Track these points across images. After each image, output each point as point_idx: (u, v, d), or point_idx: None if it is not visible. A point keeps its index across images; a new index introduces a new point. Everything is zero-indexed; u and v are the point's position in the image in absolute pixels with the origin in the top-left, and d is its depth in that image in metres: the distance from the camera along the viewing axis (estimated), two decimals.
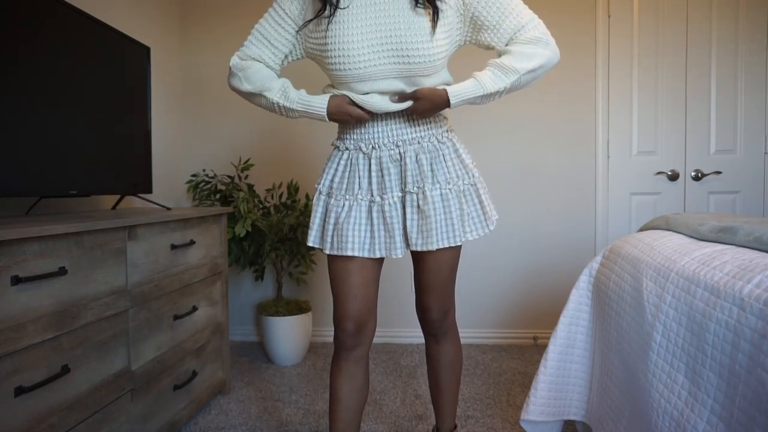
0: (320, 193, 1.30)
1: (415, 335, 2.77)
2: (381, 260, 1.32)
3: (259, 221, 2.31)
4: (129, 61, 1.86)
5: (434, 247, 1.21)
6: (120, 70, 1.81)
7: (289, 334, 2.43)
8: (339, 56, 1.18)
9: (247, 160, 2.63)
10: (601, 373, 1.42)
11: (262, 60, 1.31)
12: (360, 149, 1.26)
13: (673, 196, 2.68)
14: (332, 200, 1.27)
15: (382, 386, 2.18)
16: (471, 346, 2.71)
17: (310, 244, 1.31)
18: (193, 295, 1.84)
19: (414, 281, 1.38)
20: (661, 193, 2.69)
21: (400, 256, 1.22)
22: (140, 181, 1.94)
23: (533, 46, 1.21)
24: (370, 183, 1.25)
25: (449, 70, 1.32)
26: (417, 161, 1.23)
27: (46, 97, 1.48)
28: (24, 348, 1.09)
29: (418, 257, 1.33)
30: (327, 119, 1.25)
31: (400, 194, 1.24)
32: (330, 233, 1.25)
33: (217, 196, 2.54)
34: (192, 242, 1.79)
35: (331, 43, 1.18)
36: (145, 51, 1.96)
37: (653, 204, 2.70)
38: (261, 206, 2.54)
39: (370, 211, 1.24)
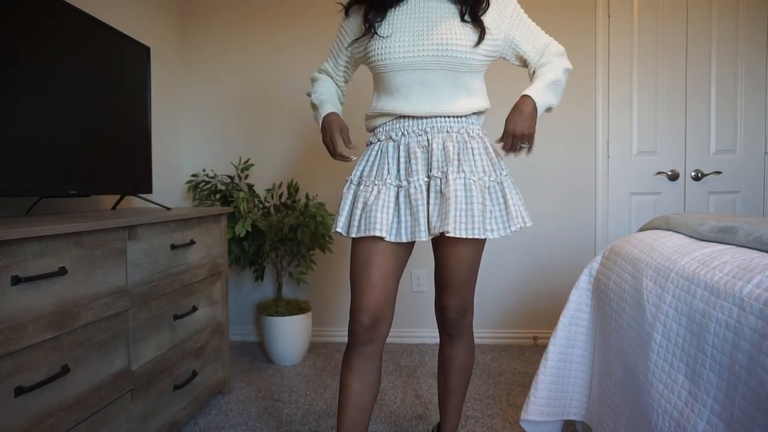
0: (351, 183, 1.34)
1: (415, 335, 2.77)
2: (406, 253, 1.31)
3: (259, 221, 2.31)
4: (129, 61, 1.86)
5: (450, 229, 1.18)
6: (120, 70, 1.81)
7: (289, 334, 2.43)
8: (380, 46, 1.27)
9: (247, 160, 2.63)
10: (601, 373, 1.42)
11: (327, 72, 1.48)
12: (390, 138, 1.31)
13: (673, 196, 2.68)
14: (361, 187, 1.30)
15: (382, 386, 2.18)
16: None
17: (336, 230, 1.30)
18: (193, 295, 1.84)
19: (435, 279, 1.40)
20: (661, 193, 2.69)
21: (425, 239, 1.21)
22: (140, 181, 1.94)
23: (562, 56, 1.48)
24: (398, 169, 1.28)
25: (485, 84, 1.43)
26: (444, 148, 1.26)
27: (46, 97, 1.48)
28: (24, 348, 1.09)
29: (438, 253, 1.35)
30: (319, 125, 1.40)
31: (426, 179, 1.25)
32: (357, 217, 1.26)
33: (217, 196, 2.54)
34: (192, 242, 1.79)
35: (374, 37, 1.29)
36: (145, 51, 1.96)
37: (653, 204, 2.70)
38: (261, 206, 2.54)
39: (397, 196, 1.26)
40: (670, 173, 2.67)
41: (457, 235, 1.19)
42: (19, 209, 1.69)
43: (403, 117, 1.30)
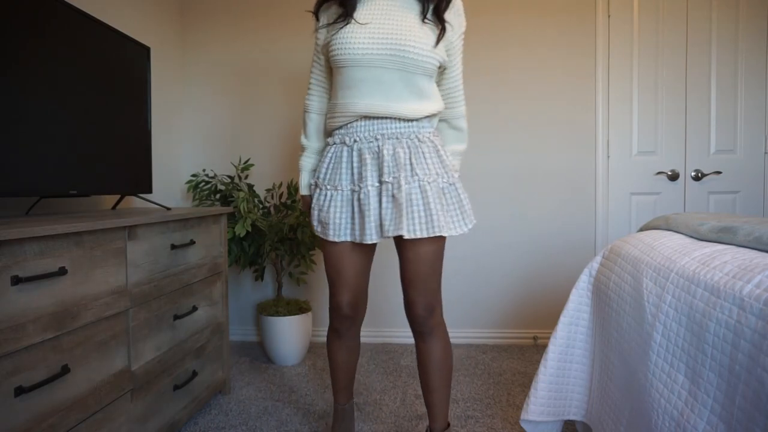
0: (313, 185, 1.46)
1: None
2: (371, 250, 1.45)
3: (259, 221, 2.31)
4: (129, 61, 1.86)
5: (404, 233, 1.26)
6: (120, 70, 1.81)
7: (289, 334, 2.43)
8: (342, 41, 1.31)
9: (247, 160, 2.63)
10: (601, 373, 1.42)
11: (314, 108, 1.51)
12: (344, 143, 1.38)
13: (673, 196, 2.68)
14: (318, 190, 1.42)
15: (382, 386, 2.18)
16: (471, 346, 2.71)
17: (315, 232, 1.45)
18: (193, 295, 1.84)
19: (401, 279, 1.42)
20: (661, 193, 2.69)
21: (375, 241, 1.31)
22: (140, 181, 1.94)
23: (465, 132, 1.52)
24: (351, 174, 1.36)
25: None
26: (394, 154, 1.32)
27: (47, 96, 1.48)
28: (24, 348, 1.09)
29: (401, 251, 1.39)
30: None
31: (377, 184, 1.32)
32: (316, 221, 1.41)
33: (217, 196, 2.54)
34: (192, 242, 1.79)
35: (340, 33, 1.33)
36: (145, 51, 1.96)
37: (653, 204, 2.70)
38: (261, 206, 2.54)
39: (351, 201, 1.35)
40: (670, 173, 2.67)
41: (416, 236, 1.28)
42: (19, 209, 1.69)
43: (357, 120, 1.35)
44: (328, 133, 1.45)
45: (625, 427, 1.20)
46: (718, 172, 2.64)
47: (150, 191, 2.00)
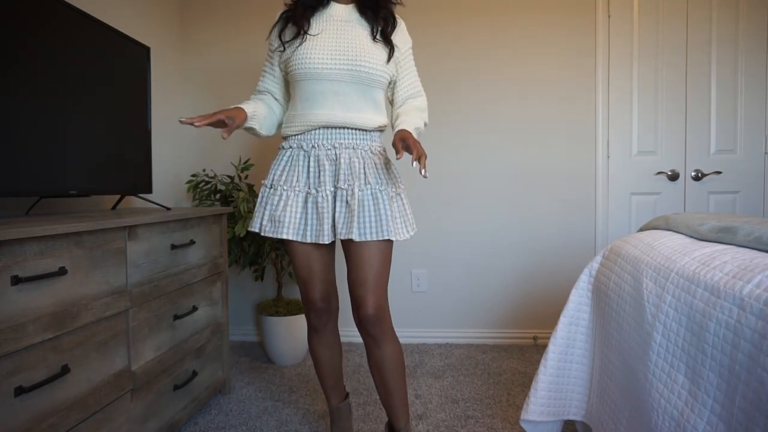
0: (265, 186, 1.49)
1: (415, 335, 2.77)
2: (332, 248, 1.52)
3: None
4: (129, 61, 1.86)
5: (356, 238, 1.35)
6: (120, 70, 1.81)
7: (289, 334, 2.43)
8: (301, 57, 1.40)
9: (247, 160, 2.63)
10: (601, 373, 1.42)
11: (267, 90, 1.57)
12: (301, 147, 1.45)
13: (673, 196, 2.68)
14: (271, 190, 1.46)
15: None
16: (471, 346, 2.71)
17: (250, 228, 1.49)
18: (193, 295, 1.84)
19: (348, 282, 1.46)
20: (661, 193, 2.69)
21: (327, 242, 1.39)
22: (140, 181, 1.94)
23: (425, 111, 1.55)
24: (308, 177, 1.43)
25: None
26: (350, 163, 1.41)
27: (46, 97, 1.48)
28: (24, 348, 1.09)
29: (350, 254, 1.44)
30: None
31: (332, 189, 1.41)
32: (266, 218, 1.45)
33: (217, 196, 2.54)
34: (192, 242, 1.79)
35: (298, 50, 1.42)
36: (145, 51, 1.96)
37: (653, 204, 2.70)
38: None
39: (306, 202, 1.42)
40: (670, 173, 2.67)
41: (366, 239, 1.36)
42: (19, 209, 1.69)
43: (316, 128, 1.43)
44: (283, 137, 1.51)
45: (625, 427, 1.20)
46: (718, 172, 2.64)
47: (150, 191, 2.00)
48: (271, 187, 1.47)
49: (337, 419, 1.63)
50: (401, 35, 1.51)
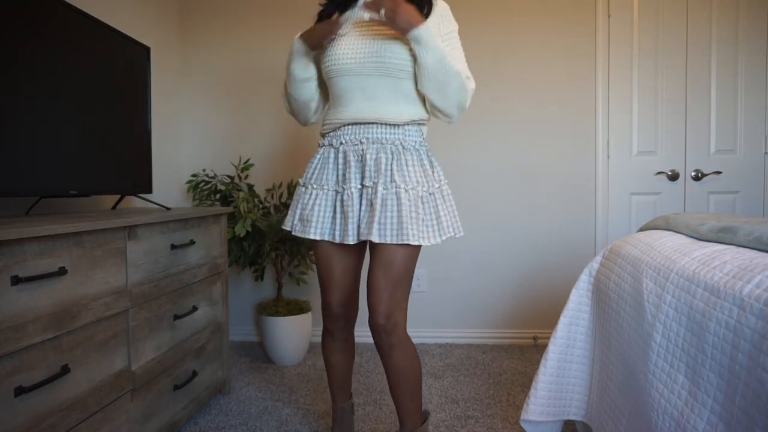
0: (300, 185, 1.48)
1: (416, 335, 2.77)
2: (360, 252, 1.49)
3: (259, 221, 2.31)
4: (129, 61, 1.86)
5: (373, 238, 1.28)
6: (120, 70, 1.81)
7: (289, 334, 2.43)
8: (329, 55, 1.39)
9: (247, 160, 2.63)
10: (601, 373, 1.42)
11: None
12: (332, 145, 1.43)
13: (673, 196, 2.68)
14: (303, 190, 1.45)
15: (382, 386, 2.18)
16: (471, 346, 2.71)
17: (283, 227, 1.49)
18: (193, 295, 1.84)
19: (367, 284, 1.38)
20: (661, 193, 2.69)
21: (352, 242, 1.33)
22: (140, 181, 1.94)
23: (468, 80, 1.38)
24: (337, 175, 1.40)
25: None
26: (376, 159, 1.35)
27: (46, 97, 1.48)
28: (24, 348, 1.09)
29: (372, 254, 1.38)
30: (298, 41, 1.41)
31: (359, 187, 1.36)
32: (297, 218, 1.44)
33: (217, 196, 2.54)
34: (192, 242, 1.79)
35: (329, 49, 1.41)
36: (145, 51, 1.96)
37: (653, 204, 2.70)
38: (261, 206, 2.54)
39: (335, 200, 1.40)
40: (670, 173, 2.67)
41: (384, 241, 1.29)
42: (19, 209, 1.69)
43: (345, 125, 1.40)
44: (321, 135, 1.50)
45: (625, 427, 1.20)
46: (718, 172, 2.64)
47: (150, 191, 2.00)
48: (304, 186, 1.46)
49: (339, 419, 1.62)
50: (437, 18, 1.39)
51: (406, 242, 1.28)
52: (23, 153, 1.40)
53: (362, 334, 2.72)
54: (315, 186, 1.42)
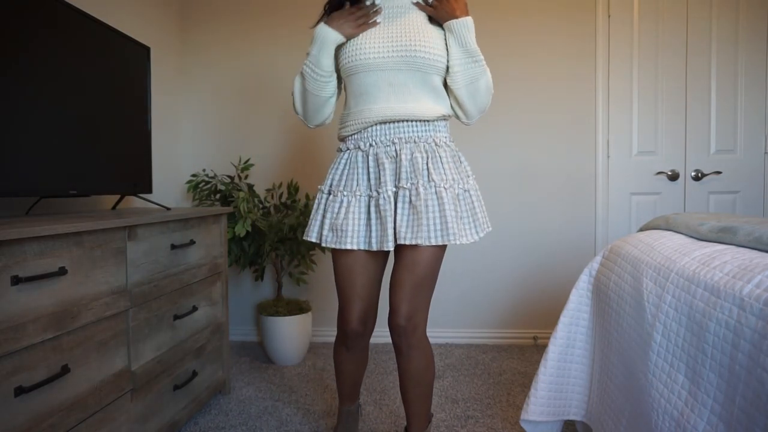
0: (322, 192, 1.39)
1: None
2: (383, 260, 1.40)
3: (259, 221, 2.31)
4: (129, 61, 1.86)
5: (423, 242, 1.23)
6: (120, 70, 1.81)
7: (289, 334, 2.43)
8: (352, 49, 1.32)
9: (247, 160, 2.63)
10: (601, 373, 1.42)
11: None
12: (359, 147, 1.35)
13: (673, 196, 2.68)
14: (331, 197, 1.35)
15: (382, 386, 2.18)
16: (471, 346, 2.71)
17: (307, 238, 1.38)
18: (193, 295, 1.84)
19: (390, 285, 1.35)
20: (661, 193, 2.69)
21: (391, 248, 1.26)
22: (140, 181, 1.94)
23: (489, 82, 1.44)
24: (368, 179, 1.32)
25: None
26: (412, 159, 1.29)
27: (47, 97, 1.48)
28: (24, 348, 1.09)
29: (398, 254, 1.34)
30: (327, 30, 1.32)
31: (394, 189, 1.29)
32: (327, 228, 1.33)
33: (217, 196, 2.54)
34: (192, 242, 1.79)
35: (349, 42, 1.34)
36: (145, 51, 1.96)
37: (653, 204, 2.70)
38: (261, 206, 2.54)
39: (368, 206, 1.31)
40: (670, 173, 2.67)
41: (430, 243, 1.24)
42: (19, 209, 1.69)
43: (372, 125, 1.33)
44: (340, 139, 1.43)
45: (625, 427, 1.20)
46: (718, 172, 2.64)
47: (150, 191, 2.00)
48: (329, 194, 1.36)
49: (345, 421, 1.59)
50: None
51: (451, 242, 1.24)
52: (23, 153, 1.40)
53: None
54: (346, 193, 1.32)
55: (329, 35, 1.32)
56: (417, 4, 1.36)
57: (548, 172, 2.71)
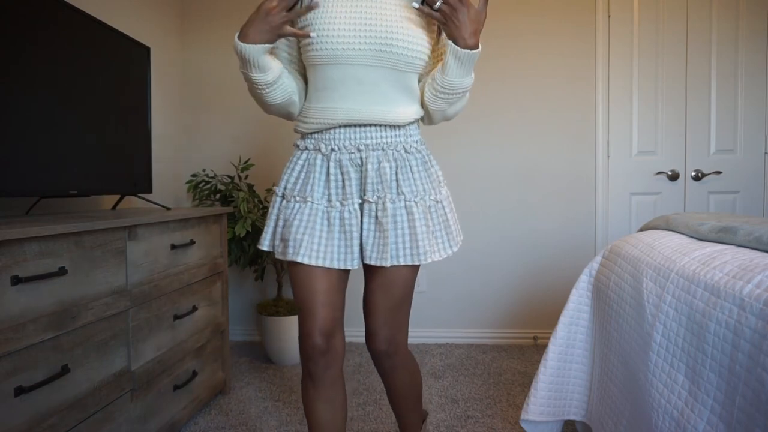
0: (276, 195, 1.21)
1: (416, 335, 2.77)
2: (345, 272, 1.21)
3: (259, 221, 2.31)
4: (129, 61, 1.86)
5: (388, 264, 1.11)
6: (120, 70, 1.81)
7: (289, 334, 2.43)
8: (319, 36, 1.08)
9: (247, 160, 2.63)
10: (601, 373, 1.42)
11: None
12: (319, 150, 1.17)
13: (673, 196, 2.68)
14: (284, 203, 1.18)
15: (382, 386, 2.18)
16: (471, 346, 2.71)
17: (260, 246, 1.21)
18: (193, 295, 1.84)
19: (363, 304, 1.24)
20: (661, 193, 2.69)
21: (356, 267, 1.14)
22: (140, 181, 1.94)
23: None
24: (327, 187, 1.15)
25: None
26: (379, 169, 1.14)
27: (47, 97, 1.48)
28: (24, 348, 1.09)
29: (368, 273, 1.22)
30: (238, 42, 1.06)
31: (359, 201, 1.15)
32: (279, 237, 1.17)
33: (217, 196, 2.54)
34: (192, 242, 1.79)
35: (311, 21, 1.10)
36: (145, 51, 1.96)
37: (653, 204, 2.70)
38: (261, 206, 2.54)
39: (327, 218, 1.14)
40: (670, 173, 2.67)
41: (398, 264, 1.13)
42: (19, 209, 1.69)
43: (335, 128, 1.15)
44: (298, 133, 1.24)
45: (625, 427, 1.20)
46: (718, 172, 2.64)
47: (150, 191, 2.00)
48: (283, 198, 1.19)
49: None
50: None
51: (421, 263, 1.13)
52: (23, 153, 1.40)
53: (357, 333, 2.73)
54: (299, 198, 1.15)
55: (250, 52, 1.05)
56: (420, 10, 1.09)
57: (548, 172, 2.71)
